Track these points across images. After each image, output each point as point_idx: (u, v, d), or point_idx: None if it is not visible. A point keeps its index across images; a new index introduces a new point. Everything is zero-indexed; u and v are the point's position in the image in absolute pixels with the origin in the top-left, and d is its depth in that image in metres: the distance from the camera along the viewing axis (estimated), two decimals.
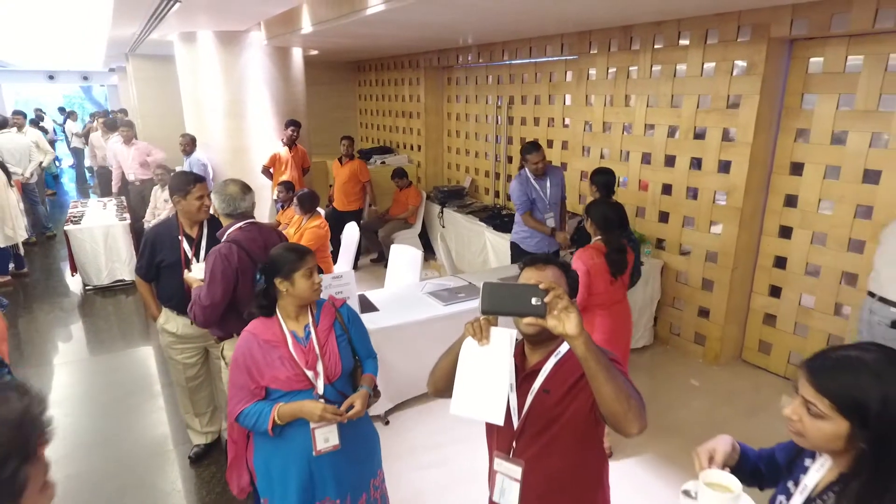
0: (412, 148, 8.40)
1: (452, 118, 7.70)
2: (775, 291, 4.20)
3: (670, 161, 4.48)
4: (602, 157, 5.11)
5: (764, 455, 1.35)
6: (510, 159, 6.64)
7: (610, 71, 4.87)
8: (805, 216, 3.90)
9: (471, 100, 7.19)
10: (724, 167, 4.09)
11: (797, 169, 3.93)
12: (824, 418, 1.09)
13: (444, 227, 6.74)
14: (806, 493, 1.15)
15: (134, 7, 4.85)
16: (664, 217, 4.63)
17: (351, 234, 5.25)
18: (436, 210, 6.90)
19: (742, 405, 3.86)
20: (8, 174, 6.41)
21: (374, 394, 2.17)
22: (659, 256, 4.68)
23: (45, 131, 11.22)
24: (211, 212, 2.88)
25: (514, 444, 1.56)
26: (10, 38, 9.06)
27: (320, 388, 2.00)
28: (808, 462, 1.19)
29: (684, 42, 4.18)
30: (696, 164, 4.30)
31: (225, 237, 2.65)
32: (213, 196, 2.70)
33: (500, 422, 1.33)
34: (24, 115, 8.63)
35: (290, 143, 6.54)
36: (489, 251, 5.75)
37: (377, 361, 2.25)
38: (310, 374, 1.99)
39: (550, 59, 5.59)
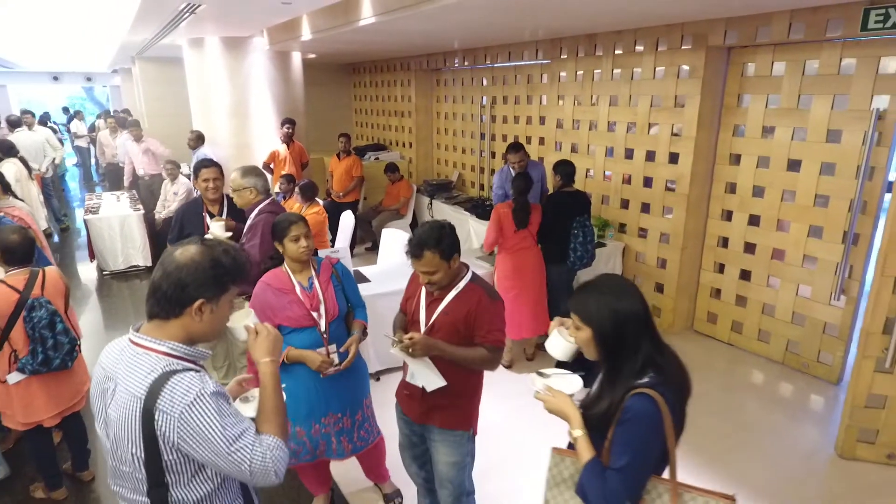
0: (404, 145, 8.97)
1: (441, 117, 8.26)
2: (720, 268, 4.78)
3: (629, 154, 5.06)
4: (573, 150, 5.69)
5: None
6: (493, 155, 7.21)
7: (578, 74, 5.45)
8: (742, 201, 4.48)
9: (458, 100, 7.76)
10: (674, 159, 4.66)
11: (736, 160, 4.50)
12: (580, 329, 1.54)
13: (432, 216, 7.30)
14: (598, 380, 1.63)
15: (152, 16, 5.39)
16: (625, 204, 5.21)
17: (347, 219, 5.80)
18: (425, 202, 7.46)
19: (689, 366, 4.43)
20: (28, 168, 6.93)
21: (364, 334, 2.73)
22: (621, 239, 5.25)
23: (53, 131, 11.72)
24: (227, 192, 3.44)
25: None
26: (20, 39, 9.56)
27: (322, 326, 2.56)
28: None
29: (640, 48, 4.75)
30: (651, 156, 4.87)
31: (260, 210, 3.22)
32: (253, 178, 3.25)
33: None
34: (34, 115, 9.18)
35: (288, 140, 7.08)
36: (473, 237, 6.31)
37: (366, 310, 2.82)
38: (314, 314, 2.54)
39: (528, 62, 6.16)
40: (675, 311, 4.89)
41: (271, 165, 7.12)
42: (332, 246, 5.85)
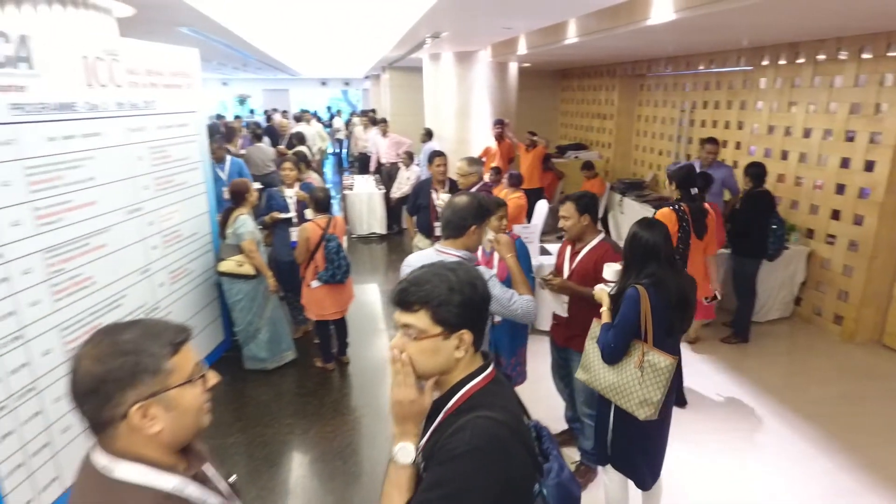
0: (604, 145, 9.58)
1: (642, 120, 8.70)
2: None
3: (823, 160, 5.09)
4: (766, 155, 5.81)
5: None
6: (689, 157, 7.46)
7: (777, 80, 5.57)
8: None
9: (659, 104, 8.14)
10: (869, 166, 4.64)
11: None
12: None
13: (622, 213, 7.86)
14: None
15: (409, 40, 6.99)
16: (814, 209, 5.24)
17: (542, 206, 6.77)
18: (617, 198, 8.03)
19: (869, 377, 4.45)
20: (311, 152, 9.28)
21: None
22: (807, 244, 5.29)
23: (326, 126, 14.86)
24: (454, 177, 4.65)
25: None
26: (307, 54, 12.46)
27: None
28: None
29: (842, 56, 4.79)
30: (846, 163, 4.87)
31: (479, 188, 4.39)
32: (476, 166, 4.42)
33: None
34: (309, 112, 12.02)
35: (499, 138, 8.26)
36: None
37: (533, 282, 3.69)
38: None
39: (729, 69, 6.37)
40: (859, 321, 4.83)
41: (483, 159, 8.39)
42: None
